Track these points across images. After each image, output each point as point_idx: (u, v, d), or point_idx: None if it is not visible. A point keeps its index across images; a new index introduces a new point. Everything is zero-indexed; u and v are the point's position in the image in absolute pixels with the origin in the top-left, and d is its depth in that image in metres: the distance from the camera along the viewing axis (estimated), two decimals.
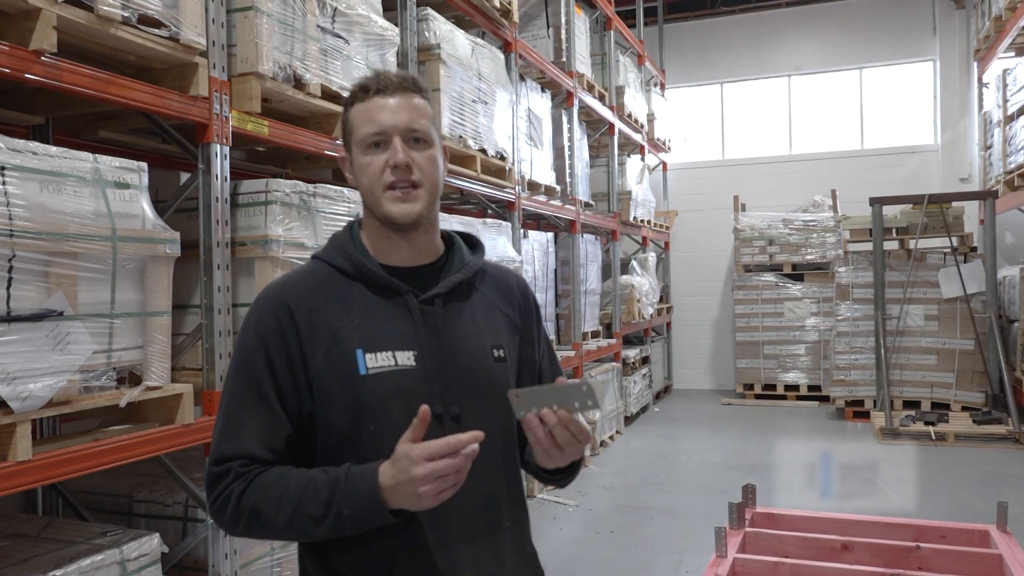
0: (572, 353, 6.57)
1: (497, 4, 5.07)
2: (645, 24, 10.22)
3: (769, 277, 9.73)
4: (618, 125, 8.36)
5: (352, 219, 1.48)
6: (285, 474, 1.24)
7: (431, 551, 1.27)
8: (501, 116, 5.03)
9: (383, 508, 1.17)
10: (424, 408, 1.15)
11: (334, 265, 1.36)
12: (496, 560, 1.34)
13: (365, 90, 1.34)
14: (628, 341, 9.11)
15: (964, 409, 7.61)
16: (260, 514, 1.22)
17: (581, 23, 7.08)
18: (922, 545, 2.26)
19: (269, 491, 1.22)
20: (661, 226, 10.11)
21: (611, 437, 7.41)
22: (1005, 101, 7.66)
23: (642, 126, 9.39)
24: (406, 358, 1.30)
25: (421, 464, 1.12)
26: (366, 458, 1.24)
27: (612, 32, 8.28)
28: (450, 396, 1.31)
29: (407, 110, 1.32)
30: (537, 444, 1.22)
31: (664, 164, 10.99)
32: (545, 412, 1.20)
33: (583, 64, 7.09)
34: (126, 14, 2.35)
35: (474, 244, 1.48)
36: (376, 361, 1.28)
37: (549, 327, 6.48)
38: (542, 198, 6.13)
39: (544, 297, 6.27)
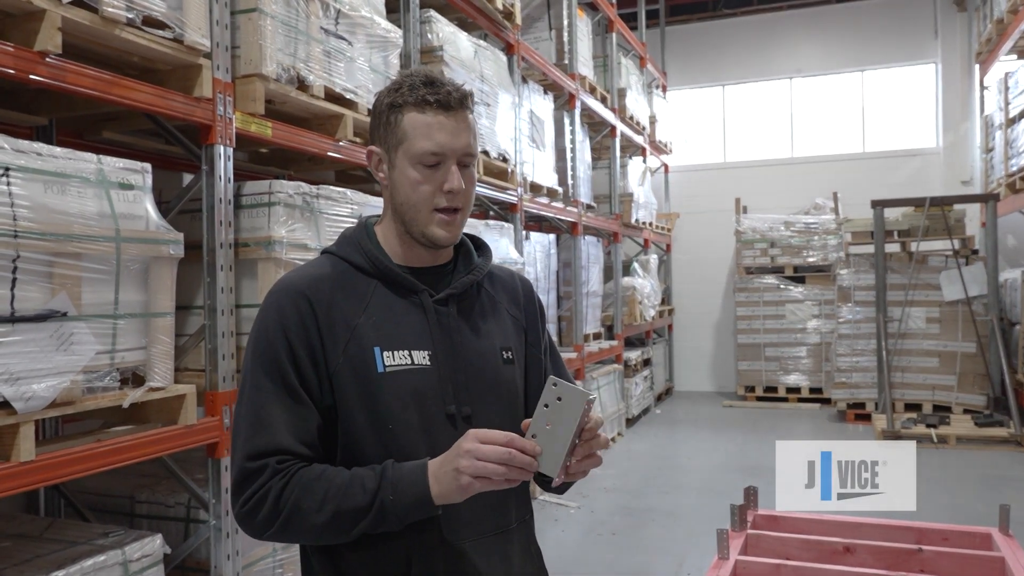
0: (574, 355, 6.57)
1: (500, 6, 5.08)
2: (647, 26, 10.22)
3: (770, 279, 9.72)
4: (620, 127, 8.36)
5: (359, 219, 1.48)
6: (328, 471, 1.22)
7: (444, 551, 1.28)
8: (503, 118, 5.04)
9: (429, 497, 1.18)
10: None
11: (350, 261, 1.36)
12: (504, 560, 1.35)
13: (425, 100, 1.29)
14: (630, 343, 9.10)
15: (966, 412, 7.60)
16: (301, 511, 1.20)
17: (583, 25, 7.09)
18: (924, 548, 2.25)
19: (313, 487, 1.20)
20: (663, 228, 10.11)
21: (612, 439, 7.41)
22: (1007, 104, 7.65)
23: (644, 128, 9.40)
24: (421, 357, 1.30)
25: (470, 440, 1.14)
26: (383, 456, 1.24)
27: (614, 34, 8.29)
28: (462, 397, 1.32)
29: (466, 132, 1.31)
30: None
31: (666, 166, 10.99)
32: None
33: (585, 66, 7.09)
34: (130, 15, 2.35)
35: (480, 246, 1.49)
36: (393, 359, 1.28)
37: (551, 329, 6.48)
38: (544, 200, 6.13)
39: (546, 299, 6.27)
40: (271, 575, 2.96)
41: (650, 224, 9.30)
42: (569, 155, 6.76)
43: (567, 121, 6.77)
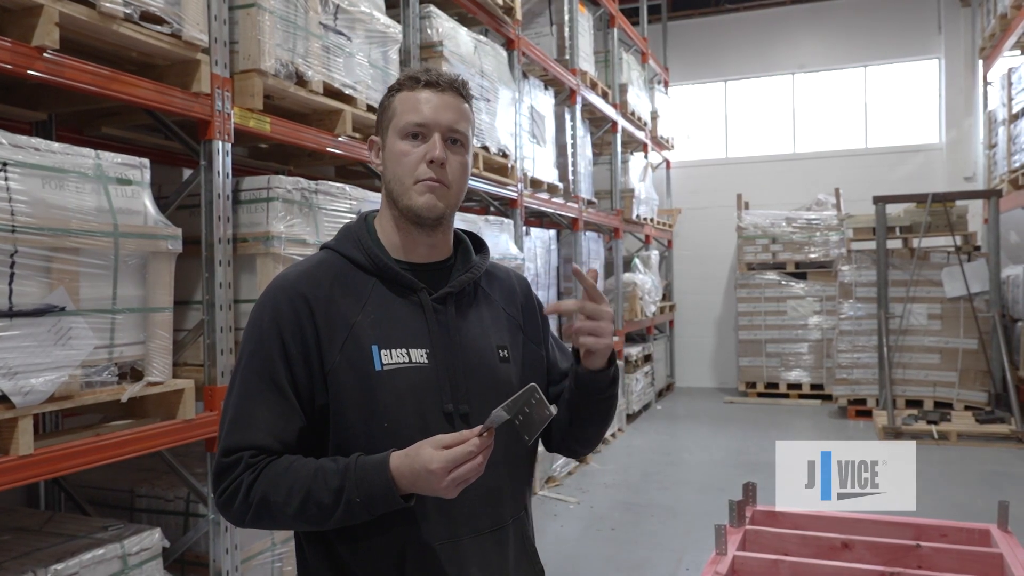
0: None
1: (500, 1, 5.07)
2: (649, 22, 10.20)
3: (772, 276, 9.72)
4: (621, 123, 8.35)
5: (358, 213, 1.48)
6: (294, 463, 1.23)
7: (440, 546, 1.28)
8: (503, 113, 5.03)
9: (395, 494, 1.18)
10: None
11: (348, 257, 1.36)
12: (500, 556, 1.35)
13: (415, 80, 1.34)
14: (631, 339, 9.10)
15: (967, 408, 7.59)
16: (269, 504, 1.21)
17: (584, 20, 7.07)
18: (922, 544, 2.25)
19: (279, 480, 1.21)
20: (664, 224, 10.09)
21: (613, 435, 7.42)
22: (1010, 100, 7.62)
23: (645, 124, 9.38)
24: (419, 355, 1.31)
25: (444, 478, 1.14)
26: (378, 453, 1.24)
27: (615, 29, 8.27)
28: (460, 395, 1.32)
29: (453, 110, 1.33)
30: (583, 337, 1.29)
31: (667, 162, 10.97)
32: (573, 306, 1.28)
33: (586, 61, 7.07)
34: (128, 11, 2.35)
35: (479, 244, 1.49)
36: (391, 358, 1.28)
37: (552, 324, 6.47)
38: (544, 196, 6.12)
39: (546, 295, 6.27)
40: (270, 568, 2.97)
41: (651, 220, 9.28)
42: (570, 151, 6.75)
43: (568, 117, 6.76)
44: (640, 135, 9.27)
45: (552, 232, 6.73)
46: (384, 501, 1.18)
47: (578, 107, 6.84)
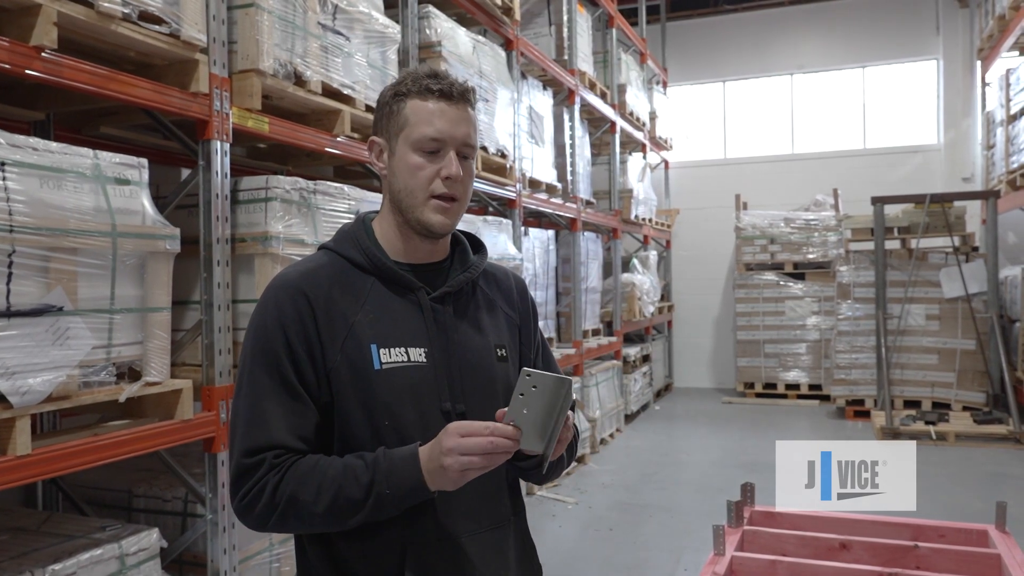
0: (572, 351, 6.57)
1: (499, 2, 5.07)
2: (648, 22, 10.20)
3: (770, 276, 9.72)
4: (620, 123, 8.35)
5: (356, 214, 1.49)
6: (321, 462, 1.23)
7: (440, 544, 1.29)
8: (502, 114, 5.03)
9: (424, 484, 1.19)
10: None
11: (347, 257, 1.36)
12: (499, 554, 1.36)
13: (427, 89, 1.32)
14: (629, 339, 9.11)
15: (965, 409, 7.60)
16: (298, 503, 1.21)
17: (583, 21, 7.08)
18: (920, 544, 2.25)
19: (307, 479, 1.21)
20: (662, 224, 10.10)
21: (611, 435, 7.42)
22: (1008, 100, 7.63)
23: (644, 124, 9.38)
24: (417, 354, 1.31)
25: (455, 437, 1.15)
26: None
27: (614, 30, 8.27)
28: (457, 394, 1.33)
29: (466, 123, 1.33)
30: None
31: (666, 162, 10.98)
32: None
33: (585, 62, 7.08)
34: (126, 11, 2.35)
35: (477, 244, 1.50)
36: (390, 356, 1.29)
37: (550, 325, 6.48)
38: (543, 196, 6.13)
39: (545, 295, 6.27)
40: (268, 569, 2.97)
41: (650, 220, 9.29)
42: (568, 151, 6.75)
43: (567, 117, 6.76)
44: (639, 135, 9.27)
45: (551, 232, 6.74)
46: (415, 492, 1.20)
47: (577, 107, 6.85)
